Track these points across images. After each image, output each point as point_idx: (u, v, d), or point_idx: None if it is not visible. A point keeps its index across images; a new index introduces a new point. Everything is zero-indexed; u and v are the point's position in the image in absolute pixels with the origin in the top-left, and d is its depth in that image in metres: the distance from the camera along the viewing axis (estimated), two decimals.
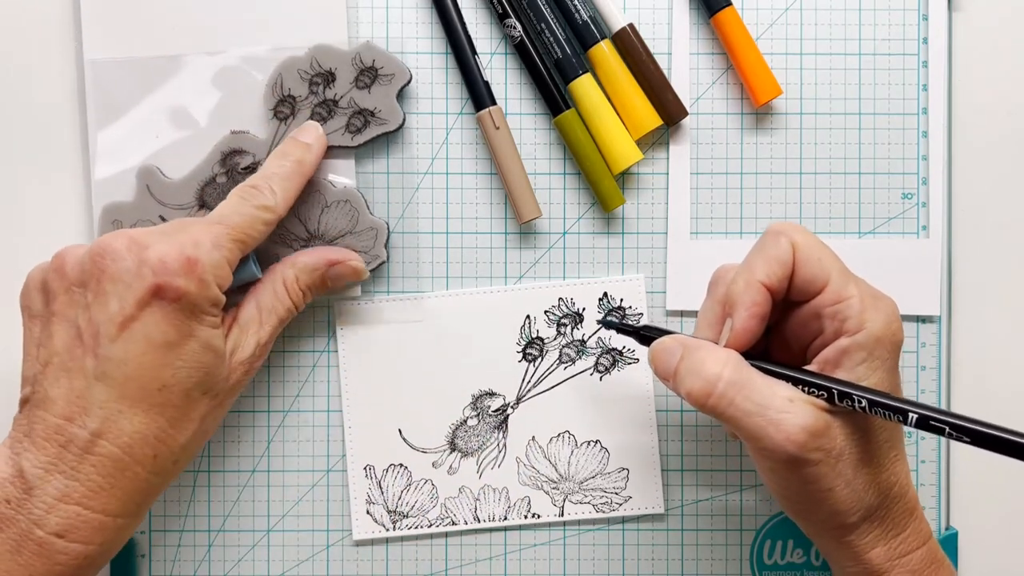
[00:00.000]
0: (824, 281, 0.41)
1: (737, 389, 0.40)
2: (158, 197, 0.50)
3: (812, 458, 0.39)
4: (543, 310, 0.52)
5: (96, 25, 0.50)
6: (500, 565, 0.52)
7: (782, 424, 0.39)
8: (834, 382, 0.40)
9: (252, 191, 0.46)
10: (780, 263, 0.41)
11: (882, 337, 0.40)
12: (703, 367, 0.41)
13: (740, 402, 0.40)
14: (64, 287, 0.42)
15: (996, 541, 0.53)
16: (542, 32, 0.50)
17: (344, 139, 0.50)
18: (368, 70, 0.50)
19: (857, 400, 0.39)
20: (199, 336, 0.42)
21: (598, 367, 0.52)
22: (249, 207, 0.45)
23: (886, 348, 0.41)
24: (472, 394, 0.52)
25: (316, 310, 0.52)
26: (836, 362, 0.41)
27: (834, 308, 0.41)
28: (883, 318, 0.41)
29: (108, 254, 0.42)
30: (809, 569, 0.52)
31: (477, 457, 0.52)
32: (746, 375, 0.40)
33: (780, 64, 0.52)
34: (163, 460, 0.43)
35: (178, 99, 0.50)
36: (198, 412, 0.43)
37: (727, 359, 0.41)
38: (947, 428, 0.37)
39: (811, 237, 0.42)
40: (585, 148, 0.50)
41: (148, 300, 0.41)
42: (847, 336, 0.41)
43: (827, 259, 0.42)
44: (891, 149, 0.52)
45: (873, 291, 0.42)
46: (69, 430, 0.41)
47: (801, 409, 0.39)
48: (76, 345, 0.41)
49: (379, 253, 0.50)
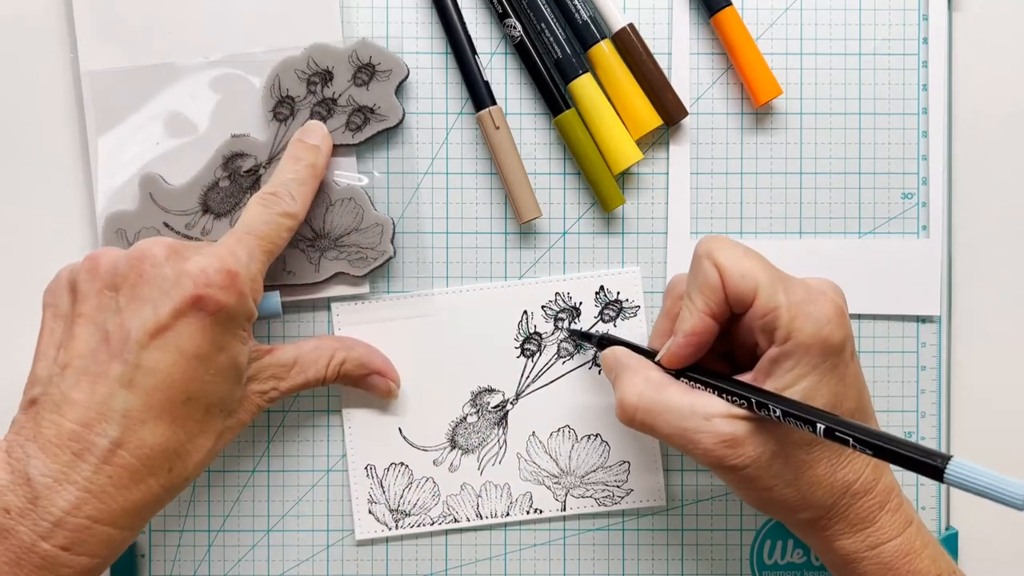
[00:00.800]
0: (752, 295, 0.41)
1: (653, 415, 0.42)
2: (161, 204, 0.50)
3: (738, 464, 0.41)
4: (540, 305, 0.52)
5: (91, 36, 0.50)
6: (500, 565, 0.52)
7: (699, 441, 0.41)
8: (752, 392, 0.41)
9: (272, 198, 0.45)
10: (711, 288, 0.42)
11: (810, 344, 0.40)
12: (623, 395, 0.43)
13: (659, 426, 0.42)
14: (96, 289, 0.41)
15: (996, 541, 0.53)
16: (542, 32, 0.50)
17: (345, 137, 0.50)
18: (365, 67, 0.49)
19: (772, 410, 0.40)
20: (229, 350, 0.42)
21: (596, 360, 0.52)
22: (272, 215, 0.45)
23: (816, 353, 0.40)
24: (471, 391, 0.52)
25: (316, 311, 0.52)
26: (768, 371, 0.41)
27: (763, 321, 0.41)
28: (812, 324, 0.40)
29: (147, 259, 0.41)
30: (809, 569, 0.52)
31: (478, 454, 0.52)
32: (662, 398, 0.42)
33: (780, 64, 0.52)
34: (177, 475, 0.42)
35: (176, 106, 0.50)
36: (215, 429, 0.43)
37: (644, 386, 0.42)
38: (851, 440, 0.38)
39: (735, 251, 0.42)
40: (585, 148, 0.50)
41: (185, 310, 0.40)
42: (775, 346, 0.41)
43: (751, 272, 0.42)
44: (891, 149, 0.52)
45: (808, 295, 0.41)
46: (87, 437, 0.39)
47: (716, 425, 0.41)
48: (102, 349, 0.40)
49: (386, 249, 0.50)
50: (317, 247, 0.50)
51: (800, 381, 0.41)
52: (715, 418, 0.41)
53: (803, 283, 0.42)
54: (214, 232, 0.50)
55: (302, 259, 0.50)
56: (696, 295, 0.42)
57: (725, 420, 0.41)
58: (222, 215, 0.50)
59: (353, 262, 0.50)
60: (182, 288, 0.40)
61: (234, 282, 0.41)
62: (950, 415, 0.52)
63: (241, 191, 0.50)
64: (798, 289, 0.41)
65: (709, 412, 0.41)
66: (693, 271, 0.43)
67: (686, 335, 0.43)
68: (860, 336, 0.52)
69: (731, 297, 0.42)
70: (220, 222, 0.50)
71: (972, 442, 0.53)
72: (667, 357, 0.44)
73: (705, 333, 0.43)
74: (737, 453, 0.41)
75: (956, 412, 0.53)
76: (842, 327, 0.41)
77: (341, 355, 0.48)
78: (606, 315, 0.52)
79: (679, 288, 0.45)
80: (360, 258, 0.50)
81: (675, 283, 0.46)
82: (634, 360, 0.45)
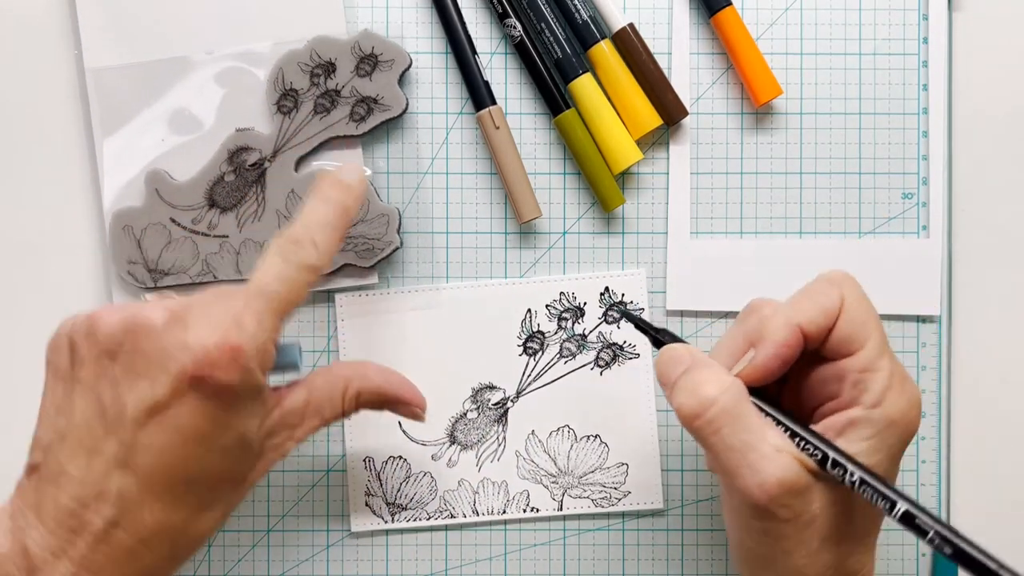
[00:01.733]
0: (860, 345, 0.39)
1: (728, 420, 0.38)
2: (167, 200, 0.50)
3: (779, 514, 0.37)
4: (544, 304, 0.52)
5: (95, 33, 0.50)
6: (500, 565, 0.52)
7: (760, 469, 0.37)
8: (832, 447, 0.38)
9: (292, 247, 0.40)
10: (825, 313, 0.39)
11: (896, 421, 0.38)
12: (701, 387, 0.38)
13: (726, 434, 0.38)
14: (93, 355, 0.38)
15: (996, 541, 0.53)
16: (542, 32, 0.50)
17: (349, 128, 0.50)
18: (368, 57, 0.50)
19: (849, 473, 0.37)
20: (234, 428, 0.38)
21: (599, 362, 0.52)
22: (291, 269, 0.40)
23: (896, 434, 0.38)
24: (472, 387, 0.52)
25: (316, 309, 0.52)
26: (841, 431, 0.38)
27: (859, 376, 0.38)
28: (904, 403, 0.38)
29: (143, 329, 0.37)
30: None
31: (476, 450, 0.52)
32: (743, 409, 0.38)
33: (780, 64, 0.52)
34: (181, 548, 0.39)
35: (181, 101, 0.51)
36: (222, 502, 0.40)
37: (729, 386, 0.38)
38: (931, 532, 0.35)
39: (863, 296, 0.40)
40: (585, 148, 0.50)
41: (183, 389, 0.37)
42: (861, 408, 0.38)
43: (871, 324, 0.39)
44: (891, 149, 0.52)
45: (903, 373, 0.39)
46: (83, 516, 0.37)
47: (784, 461, 0.37)
48: (99, 424, 0.37)
49: (392, 239, 0.50)
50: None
51: (871, 454, 0.38)
52: (785, 454, 0.37)
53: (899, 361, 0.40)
54: (220, 226, 0.50)
55: None
56: (805, 310, 0.39)
57: (794, 461, 0.37)
58: (228, 209, 0.50)
59: (360, 253, 0.50)
60: (179, 364, 0.37)
61: (237, 358, 0.37)
62: (950, 415, 0.52)
63: (246, 184, 0.50)
64: (897, 363, 0.39)
65: (782, 446, 0.37)
66: (810, 289, 0.40)
67: (777, 346, 0.38)
68: None
69: (838, 335, 0.39)
70: (226, 216, 0.50)
71: (972, 442, 0.52)
72: (750, 369, 0.39)
73: (795, 349, 0.39)
74: (790, 502, 0.37)
75: (956, 412, 0.52)
76: (920, 418, 0.39)
77: (356, 386, 0.43)
78: (610, 316, 0.52)
79: (763, 309, 0.40)
80: (367, 249, 0.50)
81: (758, 304, 0.41)
82: (714, 360, 0.40)
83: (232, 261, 0.50)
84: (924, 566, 0.52)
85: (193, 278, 0.50)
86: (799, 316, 0.39)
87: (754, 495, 0.37)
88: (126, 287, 0.51)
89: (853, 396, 0.38)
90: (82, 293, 0.52)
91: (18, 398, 0.47)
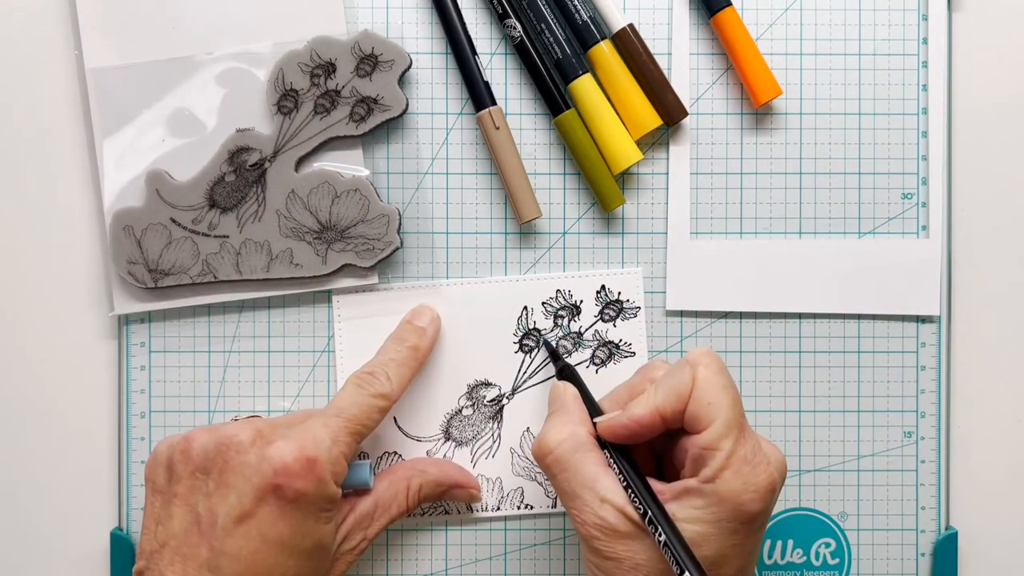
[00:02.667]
0: (705, 425, 0.41)
1: (561, 468, 0.43)
2: (168, 200, 0.50)
3: (603, 552, 0.41)
4: (541, 302, 0.52)
5: (95, 33, 0.50)
6: (500, 564, 0.52)
7: (582, 513, 0.42)
8: (653, 505, 0.41)
9: (368, 378, 0.47)
10: (677, 395, 0.42)
11: (727, 500, 0.40)
12: (547, 435, 0.44)
13: (560, 480, 0.43)
14: (189, 471, 0.43)
15: (996, 541, 0.53)
16: (542, 32, 0.50)
17: (349, 128, 0.50)
18: (368, 58, 0.50)
19: (658, 533, 0.40)
20: (312, 535, 0.43)
21: (594, 359, 0.52)
22: (366, 396, 0.46)
23: (728, 511, 0.40)
24: (468, 384, 0.52)
25: (316, 309, 0.52)
26: (677, 495, 0.41)
27: (700, 451, 0.41)
28: (739, 484, 0.40)
29: (233, 446, 0.43)
30: (809, 569, 0.52)
31: (471, 447, 0.52)
32: (577, 459, 0.43)
33: (780, 64, 0.52)
34: None
35: (181, 101, 0.51)
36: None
37: (567, 438, 0.43)
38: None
39: (717, 378, 0.42)
40: (585, 148, 0.50)
41: (266, 496, 0.42)
42: (696, 479, 0.41)
43: (719, 404, 0.41)
44: (891, 149, 0.52)
45: (753, 457, 0.41)
46: None
47: (604, 511, 0.41)
48: (194, 532, 0.42)
49: (392, 239, 0.50)
50: (324, 239, 0.50)
51: (699, 524, 0.40)
52: (607, 504, 0.41)
53: (756, 442, 0.42)
54: (221, 226, 0.50)
55: (309, 251, 0.50)
56: (660, 392, 0.42)
57: (615, 511, 0.41)
58: (228, 209, 0.50)
59: (360, 253, 0.50)
60: (263, 475, 0.42)
61: (312, 469, 0.42)
62: (950, 415, 0.52)
63: (247, 185, 0.50)
64: (747, 446, 0.41)
65: (606, 496, 0.42)
66: (672, 369, 0.43)
67: (631, 419, 0.42)
68: (860, 336, 0.52)
69: (688, 414, 0.42)
70: (227, 216, 0.50)
71: (971, 442, 0.52)
72: (604, 428, 0.43)
73: (649, 428, 0.42)
74: (609, 543, 0.41)
75: (956, 412, 0.53)
76: (763, 502, 0.41)
77: (417, 482, 0.49)
78: (606, 315, 0.52)
79: (653, 372, 0.45)
80: (367, 249, 0.50)
81: (653, 366, 0.46)
82: (575, 409, 0.45)
83: (232, 261, 0.50)
84: (924, 566, 0.52)
85: (193, 278, 0.50)
86: (658, 399, 0.42)
87: (580, 533, 0.42)
88: (126, 287, 0.51)
89: (693, 469, 0.41)
90: (82, 293, 0.52)
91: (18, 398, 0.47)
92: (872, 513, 0.52)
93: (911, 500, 0.52)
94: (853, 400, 0.52)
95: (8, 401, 0.52)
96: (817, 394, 0.52)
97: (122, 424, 0.52)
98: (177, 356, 0.52)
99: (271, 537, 0.42)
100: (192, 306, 0.51)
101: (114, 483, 0.52)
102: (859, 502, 0.52)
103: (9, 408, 0.52)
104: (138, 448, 0.52)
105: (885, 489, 0.52)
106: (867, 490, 0.52)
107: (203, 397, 0.52)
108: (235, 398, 0.52)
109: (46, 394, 0.52)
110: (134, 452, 0.52)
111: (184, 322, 0.52)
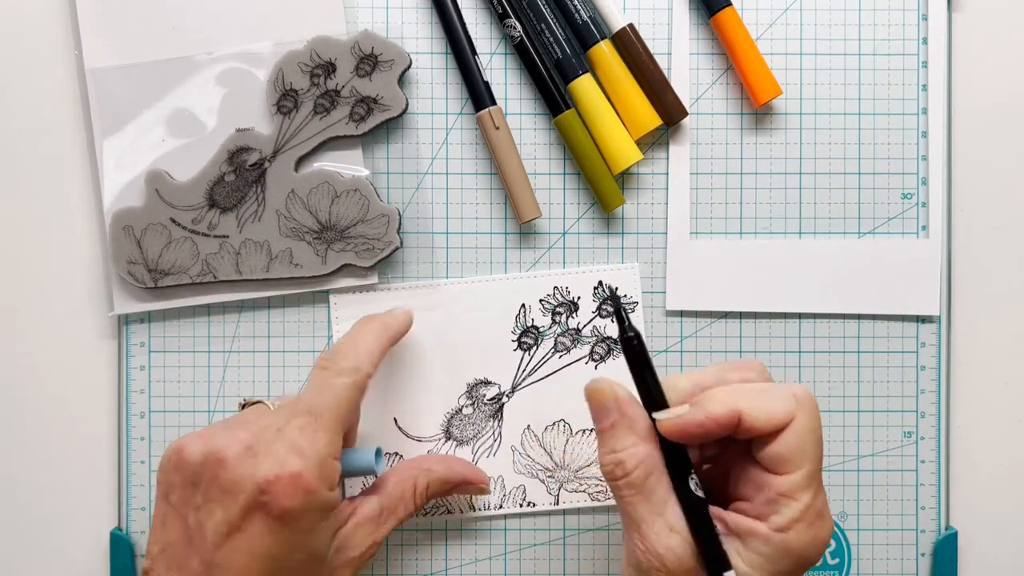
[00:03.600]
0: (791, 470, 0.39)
1: (634, 491, 0.39)
2: (168, 200, 0.50)
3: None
4: (538, 299, 0.52)
5: (95, 33, 0.50)
6: (500, 564, 0.52)
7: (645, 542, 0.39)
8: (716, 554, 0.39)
9: (327, 360, 0.45)
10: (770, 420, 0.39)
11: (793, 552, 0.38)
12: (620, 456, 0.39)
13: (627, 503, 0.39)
14: (180, 482, 0.43)
15: (996, 541, 0.53)
16: (542, 32, 0.50)
17: (348, 128, 0.50)
18: (368, 57, 0.50)
19: None
20: (303, 547, 0.43)
21: (593, 356, 0.52)
22: (329, 379, 0.44)
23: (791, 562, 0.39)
24: (467, 383, 0.52)
25: (316, 309, 0.52)
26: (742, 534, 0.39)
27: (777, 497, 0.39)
28: (809, 538, 0.39)
29: (219, 462, 0.42)
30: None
31: (472, 446, 0.52)
32: (652, 483, 0.39)
33: (780, 64, 0.52)
34: None
35: (181, 102, 0.51)
36: None
37: (643, 460, 0.39)
38: None
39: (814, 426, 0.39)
40: (585, 148, 0.50)
41: (253, 513, 0.41)
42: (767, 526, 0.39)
43: (810, 454, 0.39)
44: (891, 149, 0.52)
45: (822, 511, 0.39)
46: None
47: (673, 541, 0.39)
48: (185, 543, 0.42)
49: (392, 239, 0.50)
50: (323, 239, 0.50)
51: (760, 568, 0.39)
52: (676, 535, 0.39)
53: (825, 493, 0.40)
54: (220, 226, 0.50)
55: (309, 251, 0.50)
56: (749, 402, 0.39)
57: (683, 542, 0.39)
58: (228, 209, 0.50)
59: (360, 253, 0.50)
60: (247, 493, 0.41)
61: (297, 483, 0.41)
62: (950, 415, 0.52)
63: (247, 184, 0.50)
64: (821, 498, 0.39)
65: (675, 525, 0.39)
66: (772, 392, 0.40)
67: (709, 417, 0.39)
68: (860, 336, 0.52)
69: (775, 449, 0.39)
70: (226, 216, 0.50)
71: (971, 442, 0.52)
72: (671, 427, 0.39)
73: (722, 429, 0.39)
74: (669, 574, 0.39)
75: (956, 412, 0.53)
76: (822, 553, 0.39)
77: (423, 480, 0.48)
78: (604, 311, 0.52)
79: (729, 375, 0.41)
80: (367, 249, 0.50)
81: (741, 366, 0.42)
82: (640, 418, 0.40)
83: (232, 261, 0.50)
84: (924, 566, 0.52)
85: (193, 278, 0.50)
86: (745, 405, 0.39)
87: (638, 557, 0.39)
88: (126, 287, 0.51)
89: (764, 512, 0.39)
90: (82, 293, 0.52)
91: (18, 398, 0.47)
92: (872, 513, 0.52)
93: (911, 500, 0.52)
94: (853, 400, 0.52)
95: (8, 401, 0.52)
96: (817, 394, 0.52)
97: (122, 424, 0.52)
98: (177, 356, 0.52)
99: (260, 552, 0.41)
100: (192, 306, 0.51)
101: (114, 483, 0.52)
102: (859, 502, 0.52)
103: (9, 408, 0.52)
104: (138, 448, 0.52)
105: (885, 489, 0.52)
106: (867, 490, 0.52)
107: (203, 397, 0.52)
108: (235, 398, 0.52)
109: (46, 394, 0.52)
110: (134, 452, 0.52)
111: (184, 322, 0.52)
